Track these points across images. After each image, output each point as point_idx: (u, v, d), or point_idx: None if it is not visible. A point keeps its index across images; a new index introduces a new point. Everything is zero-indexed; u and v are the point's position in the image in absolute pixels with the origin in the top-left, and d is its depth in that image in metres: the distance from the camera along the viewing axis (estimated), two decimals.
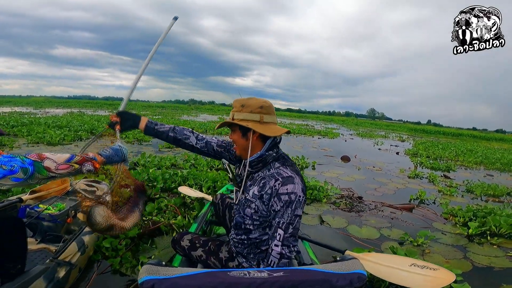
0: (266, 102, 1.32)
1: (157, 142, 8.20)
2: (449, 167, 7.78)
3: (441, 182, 5.85)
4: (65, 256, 1.70)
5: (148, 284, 0.84)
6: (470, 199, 4.73)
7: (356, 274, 0.90)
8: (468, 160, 9.62)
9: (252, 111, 1.28)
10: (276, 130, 1.30)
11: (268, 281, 0.87)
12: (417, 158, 9.13)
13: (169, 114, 24.34)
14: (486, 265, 2.45)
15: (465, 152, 11.99)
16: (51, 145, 6.85)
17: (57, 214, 2.00)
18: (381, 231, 3.04)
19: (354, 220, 3.32)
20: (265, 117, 1.29)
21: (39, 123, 10.34)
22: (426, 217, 3.59)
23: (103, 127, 8.12)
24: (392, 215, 3.55)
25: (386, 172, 6.56)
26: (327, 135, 15.29)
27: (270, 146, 1.31)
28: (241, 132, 1.31)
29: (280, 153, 1.33)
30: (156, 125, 1.56)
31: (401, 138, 18.88)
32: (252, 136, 1.28)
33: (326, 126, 25.99)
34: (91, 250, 2.06)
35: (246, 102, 1.30)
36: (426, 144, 14.92)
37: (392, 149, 11.64)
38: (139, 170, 4.16)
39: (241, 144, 1.33)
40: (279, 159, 1.31)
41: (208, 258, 1.48)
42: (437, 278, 1.54)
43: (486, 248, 2.77)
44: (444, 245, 2.80)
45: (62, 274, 1.62)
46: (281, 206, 1.18)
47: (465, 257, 2.59)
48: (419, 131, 35.00)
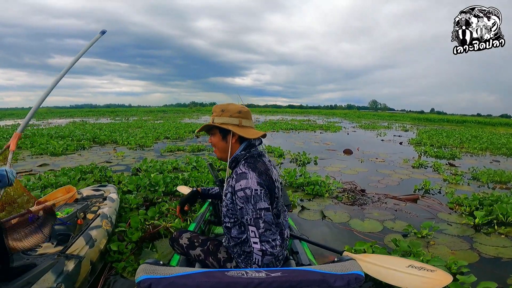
0: (244, 108, 1.43)
1: (159, 147, 8.23)
2: (454, 155, 7.69)
3: (446, 170, 5.78)
4: (72, 250, 1.78)
5: (145, 283, 0.84)
6: (476, 187, 4.66)
7: (353, 275, 0.91)
8: (473, 147, 9.51)
9: (232, 116, 1.38)
10: (253, 133, 1.40)
11: (266, 281, 0.87)
12: (421, 147, 9.05)
13: (170, 118, 24.44)
14: (494, 256, 2.40)
15: (470, 139, 11.86)
16: (54, 156, 6.91)
17: (65, 217, 2.10)
18: (384, 223, 3.01)
19: (357, 213, 3.30)
20: (243, 121, 1.39)
21: (42, 134, 10.45)
22: (431, 207, 3.55)
23: (105, 135, 8.15)
24: (396, 207, 3.52)
25: (389, 163, 6.51)
26: (329, 129, 15.23)
27: (245, 147, 1.40)
28: (221, 135, 1.41)
29: (252, 152, 1.38)
30: (208, 190, 1.82)
31: (404, 128, 18.74)
32: (232, 139, 1.38)
33: (328, 120, 25.89)
34: (101, 244, 2.12)
35: (225, 107, 1.41)
36: (430, 132, 14.80)
37: (396, 140, 11.55)
38: (141, 176, 4.18)
39: (221, 147, 1.42)
40: (247, 158, 1.36)
41: (207, 258, 1.49)
42: (434, 279, 1.57)
43: (493, 238, 2.71)
44: (449, 236, 2.75)
45: (72, 266, 1.68)
46: (241, 203, 1.23)
47: (471, 247, 2.54)
48: (422, 120, 34.69)
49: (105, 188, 3.16)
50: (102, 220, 2.28)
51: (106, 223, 2.30)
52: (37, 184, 3.94)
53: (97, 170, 4.74)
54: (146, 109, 68.72)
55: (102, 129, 12.74)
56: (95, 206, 2.63)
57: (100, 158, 6.49)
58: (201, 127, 1.47)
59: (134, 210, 3.19)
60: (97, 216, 2.31)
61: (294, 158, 6.68)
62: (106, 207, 2.54)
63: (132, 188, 3.83)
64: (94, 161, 5.48)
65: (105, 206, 2.58)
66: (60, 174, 4.50)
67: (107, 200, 2.75)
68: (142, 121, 20.83)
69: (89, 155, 7.01)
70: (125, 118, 24.77)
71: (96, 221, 2.23)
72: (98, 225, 2.20)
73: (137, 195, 3.57)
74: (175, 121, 20.44)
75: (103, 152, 7.58)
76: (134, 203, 3.25)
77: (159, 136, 10.47)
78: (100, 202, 2.73)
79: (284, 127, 15.58)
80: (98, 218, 2.29)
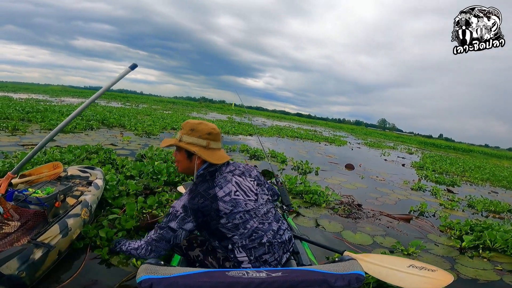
0: (215, 129, 1.46)
1: (164, 136, 8.37)
2: (454, 182, 7.70)
3: (443, 195, 5.81)
4: (44, 238, 1.69)
5: (146, 283, 0.85)
6: (470, 214, 4.71)
7: (354, 274, 0.92)
8: (475, 176, 9.49)
9: (201, 137, 1.42)
10: (219, 157, 1.45)
11: (267, 281, 0.88)
12: (423, 171, 9.05)
13: (179, 110, 24.64)
14: (472, 277, 2.47)
15: (472, 168, 11.81)
16: (62, 132, 7.04)
17: (44, 197, 1.97)
18: (375, 238, 3.08)
19: (350, 226, 3.37)
20: (212, 143, 1.43)
21: (53, 110, 10.65)
22: (423, 228, 3.61)
23: (114, 118, 8.30)
24: (389, 224, 3.58)
25: (389, 182, 6.56)
26: (334, 142, 15.25)
27: (207, 166, 1.47)
28: (186, 154, 1.46)
29: (206, 171, 1.46)
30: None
31: (410, 151, 18.66)
32: (197, 160, 1.44)
33: (334, 133, 25.88)
34: (75, 233, 2.00)
35: (196, 127, 1.43)
36: (434, 158, 14.73)
37: (399, 161, 11.55)
38: (145, 163, 4.27)
39: (184, 165, 1.50)
40: (199, 177, 1.46)
41: (206, 258, 1.50)
42: (435, 279, 1.57)
43: (476, 261, 2.78)
44: (434, 256, 2.82)
45: (39, 255, 1.61)
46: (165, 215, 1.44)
47: (452, 268, 2.61)
48: (429, 144, 34.48)
49: (92, 171, 2.97)
50: (83, 208, 2.15)
51: (86, 212, 2.16)
52: (42, 158, 3.98)
53: (103, 152, 4.83)
54: (157, 98, 69.23)
55: (112, 112, 12.95)
56: (77, 190, 2.48)
57: (106, 140, 6.63)
58: (168, 143, 1.50)
59: (131, 196, 3.12)
60: (78, 203, 2.18)
61: (296, 166, 6.76)
62: (89, 194, 2.37)
63: (135, 173, 3.87)
64: (100, 143, 5.61)
65: (89, 193, 2.41)
66: (65, 151, 4.57)
67: (92, 186, 2.56)
68: (152, 109, 21.04)
69: (96, 136, 7.16)
70: (135, 105, 25.03)
71: (76, 209, 2.10)
72: (77, 213, 2.07)
73: (138, 182, 3.57)
74: (184, 113, 20.61)
75: (110, 134, 7.73)
76: (133, 189, 3.20)
77: (166, 126, 10.60)
78: (84, 186, 2.58)
79: (289, 134, 15.65)
80: (79, 205, 2.15)
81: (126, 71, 1.91)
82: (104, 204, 2.80)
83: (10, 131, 6.45)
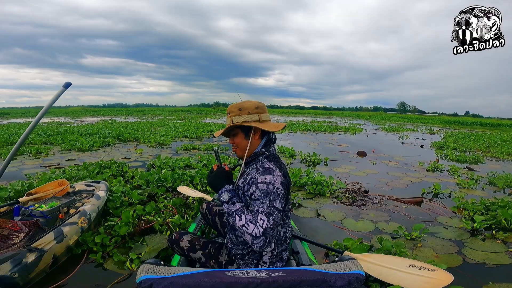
0: (260, 103, 1.41)
1: (176, 145, 8.59)
2: (477, 159, 7.33)
3: (462, 174, 5.56)
4: (38, 244, 1.86)
5: (146, 283, 0.85)
6: (491, 192, 4.46)
7: (354, 274, 0.92)
8: (500, 151, 8.95)
9: (250, 113, 1.36)
10: (274, 126, 1.39)
11: (267, 281, 0.88)
12: (443, 151, 8.68)
13: (192, 118, 25.14)
14: (479, 262, 2.33)
15: (498, 143, 11.15)
16: (81, 151, 7.44)
17: (47, 210, 2.18)
18: (377, 224, 3.01)
19: (353, 213, 3.32)
20: (262, 116, 1.38)
21: (72, 131, 11.25)
22: (433, 211, 3.48)
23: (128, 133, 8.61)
24: (395, 209, 3.48)
25: (403, 166, 6.35)
26: (348, 131, 14.95)
27: (265, 143, 1.40)
28: (244, 133, 1.39)
29: (271, 151, 1.39)
30: None
31: (431, 131, 17.91)
32: (254, 135, 1.37)
33: (350, 122, 25.34)
34: (71, 240, 2.16)
35: (242, 105, 1.38)
36: (457, 136, 14.07)
37: (418, 143, 11.13)
38: (151, 172, 4.42)
39: (244, 145, 1.39)
40: (269, 156, 1.37)
41: (208, 261, 1.49)
42: (435, 279, 1.56)
43: (488, 243, 2.63)
44: (440, 239, 2.70)
45: (32, 259, 1.78)
46: (259, 196, 1.19)
47: (458, 252, 2.48)
48: (453, 123, 32.85)
49: (97, 184, 3.21)
50: (80, 217, 2.34)
51: (83, 220, 2.35)
52: (60, 176, 4.30)
53: (115, 165, 5.07)
54: (172, 108, 70.94)
55: (127, 127, 13.46)
56: (80, 202, 2.69)
57: (121, 155, 6.92)
58: (224, 130, 1.42)
59: (133, 205, 3.22)
60: (76, 213, 2.38)
61: (305, 158, 6.71)
62: (89, 204, 2.59)
63: (142, 183, 4.02)
64: (114, 157, 5.86)
65: (89, 203, 2.63)
66: (81, 168, 4.87)
67: (93, 197, 2.79)
68: (166, 120, 21.62)
69: (111, 152, 7.49)
70: (151, 117, 25.83)
71: (73, 218, 2.30)
72: (74, 221, 2.26)
73: (145, 190, 3.70)
74: (197, 120, 21.02)
75: (124, 149, 8.05)
76: (136, 199, 3.33)
77: (178, 135, 10.88)
78: (87, 199, 2.78)
79: (302, 128, 15.52)
80: (76, 214, 2.35)
81: (61, 91, 2.04)
82: (107, 214, 2.97)
83: (33, 154, 6.90)
